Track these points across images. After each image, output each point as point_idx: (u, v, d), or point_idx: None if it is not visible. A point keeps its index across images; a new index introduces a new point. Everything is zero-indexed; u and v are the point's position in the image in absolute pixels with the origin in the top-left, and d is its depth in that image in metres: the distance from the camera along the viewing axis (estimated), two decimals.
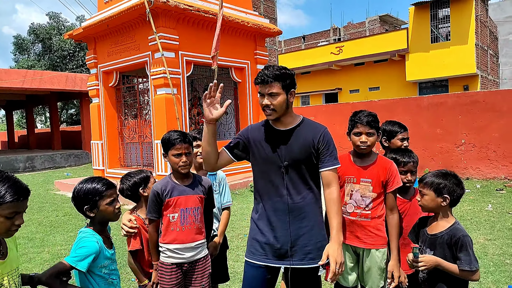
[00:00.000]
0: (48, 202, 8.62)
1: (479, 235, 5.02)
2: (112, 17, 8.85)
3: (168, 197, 2.33)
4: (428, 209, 2.18)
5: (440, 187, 2.10)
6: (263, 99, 2.10)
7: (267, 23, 11.00)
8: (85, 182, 2.06)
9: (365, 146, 2.38)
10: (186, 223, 2.35)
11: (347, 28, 33.61)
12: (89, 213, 2.01)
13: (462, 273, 2.02)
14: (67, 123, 34.33)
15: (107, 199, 2.03)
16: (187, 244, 2.34)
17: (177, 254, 2.34)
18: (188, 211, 2.35)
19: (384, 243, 2.41)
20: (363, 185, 2.42)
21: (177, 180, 2.40)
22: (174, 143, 2.33)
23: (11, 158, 15.83)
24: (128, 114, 10.61)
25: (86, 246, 1.95)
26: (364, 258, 2.43)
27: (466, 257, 2.01)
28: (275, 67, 2.12)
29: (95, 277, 2.01)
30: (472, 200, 7.04)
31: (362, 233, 2.41)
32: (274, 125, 2.19)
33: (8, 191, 1.51)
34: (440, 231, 2.13)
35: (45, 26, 32.22)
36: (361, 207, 2.41)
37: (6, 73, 15.63)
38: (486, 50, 20.75)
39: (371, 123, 2.37)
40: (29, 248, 5.25)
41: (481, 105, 8.96)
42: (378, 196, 2.40)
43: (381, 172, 2.40)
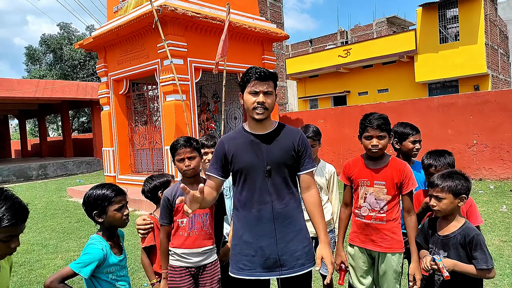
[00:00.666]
0: (61, 209, 8.73)
1: (494, 237, 4.95)
2: (122, 26, 8.98)
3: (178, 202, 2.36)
4: (446, 212, 2.15)
5: (458, 188, 2.10)
6: (258, 96, 2.01)
7: (274, 28, 11.05)
8: (95, 188, 2.09)
9: (376, 150, 2.36)
10: (194, 229, 2.36)
11: (354, 30, 33.53)
12: (98, 219, 2.05)
13: (479, 272, 2.00)
14: (78, 130, 34.79)
15: (115, 205, 2.05)
16: (194, 249, 2.36)
17: (184, 259, 2.36)
18: (196, 217, 2.36)
19: (400, 247, 2.38)
20: (377, 188, 2.39)
21: (186, 185, 2.40)
22: (177, 148, 2.39)
23: (24, 166, 16.08)
24: (138, 121, 10.72)
25: (90, 253, 1.97)
26: (380, 262, 2.41)
27: (482, 255, 2.00)
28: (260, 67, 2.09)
29: (101, 282, 2.04)
30: (486, 202, 6.94)
31: (377, 237, 2.38)
32: (252, 130, 2.10)
33: (5, 214, 1.42)
34: (452, 231, 2.12)
35: (56, 37, 32.83)
36: (375, 210, 2.39)
37: (19, 83, 15.93)
38: (496, 49, 20.51)
39: (381, 126, 2.34)
40: (43, 255, 5.32)
41: (492, 105, 8.84)
42: (393, 198, 2.37)
43: (395, 174, 2.36)
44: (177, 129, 8.49)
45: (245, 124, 2.20)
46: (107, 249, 2.04)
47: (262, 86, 2.03)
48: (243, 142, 2.09)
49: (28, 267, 4.85)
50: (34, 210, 8.78)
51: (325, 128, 11.18)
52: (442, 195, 2.11)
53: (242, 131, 2.15)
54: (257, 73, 2.02)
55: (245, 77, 2.06)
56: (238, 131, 2.17)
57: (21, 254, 5.41)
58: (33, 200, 10.27)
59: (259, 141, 2.08)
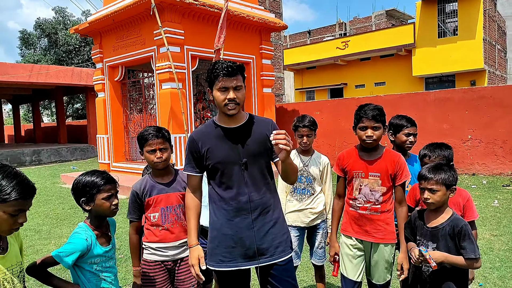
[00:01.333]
0: (54, 195, 8.70)
1: (485, 231, 5.00)
2: (118, 12, 8.86)
3: (148, 197, 2.28)
4: (439, 205, 2.15)
5: (450, 180, 2.13)
6: (228, 93, 1.97)
7: (273, 17, 10.96)
8: (85, 175, 2.02)
9: (370, 141, 2.35)
10: (168, 222, 2.29)
11: (353, 22, 33.36)
12: (85, 206, 1.98)
13: (468, 262, 2.03)
14: (73, 117, 34.55)
15: (104, 194, 1.98)
16: (170, 243, 2.29)
17: (160, 252, 2.29)
18: (169, 210, 2.29)
19: (393, 238, 2.41)
20: (372, 179, 2.40)
21: (156, 178, 2.33)
22: (148, 138, 2.26)
23: (17, 151, 15.97)
24: (133, 108, 10.65)
25: (73, 243, 1.92)
26: (372, 252, 2.44)
27: (471, 245, 2.03)
28: (229, 61, 2.03)
29: (85, 272, 1.98)
30: (478, 196, 7.00)
31: (371, 227, 2.40)
32: (224, 123, 2.07)
33: (15, 188, 1.48)
34: (441, 223, 2.14)
35: (51, 21, 32.33)
36: (370, 201, 2.40)
37: (13, 68, 15.72)
38: (494, 45, 20.52)
39: (376, 117, 2.33)
40: (35, 240, 5.31)
41: (488, 100, 8.88)
42: (388, 190, 2.39)
43: (389, 165, 2.37)
44: (173, 117, 8.44)
45: (215, 117, 2.14)
46: (92, 239, 1.98)
47: (231, 81, 1.98)
48: (216, 137, 2.06)
49: None
50: None
51: (321, 120, 11.17)
52: (436, 187, 2.12)
53: (213, 125, 2.10)
54: (224, 69, 1.96)
55: (212, 74, 2.00)
56: (209, 125, 2.12)
57: None
58: None
59: (233, 134, 2.05)
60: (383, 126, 2.38)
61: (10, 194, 1.47)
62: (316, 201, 3.12)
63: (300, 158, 3.13)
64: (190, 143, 2.09)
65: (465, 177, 8.89)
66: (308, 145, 3.06)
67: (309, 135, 3.04)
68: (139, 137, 2.31)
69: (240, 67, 2.02)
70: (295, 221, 3.07)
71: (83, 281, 1.98)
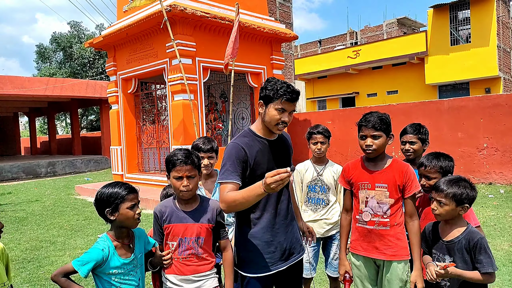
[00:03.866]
0: (69, 207, 8.80)
1: (503, 242, 4.87)
2: (131, 26, 9.03)
3: (166, 223, 2.12)
4: (444, 218, 2.11)
5: (462, 197, 2.05)
6: (285, 115, 2.07)
7: (283, 28, 11.03)
8: (108, 186, 2.04)
9: (370, 150, 2.23)
10: (184, 254, 2.11)
11: (364, 31, 33.34)
12: (110, 216, 1.99)
13: (484, 276, 1.97)
14: (87, 129, 35.09)
15: (128, 203, 2.00)
16: (187, 276, 2.10)
17: (177, 286, 2.11)
18: (186, 241, 2.10)
19: (406, 254, 2.26)
20: (379, 191, 2.26)
21: (180, 204, 2.16)
22: (175, 164, 2.09)
23: (33, 163, 16.26)
24: (146, 120, 10.77)
25: (89, 253, 1.95)
26: (385, 271, 2.28)
27: (488, 259, 1.98)
28: (290, 84, 2.13)
29: (104, 283, 2.00)
30: (496, 206, 6.84)
31: (381, 243, 2.26)
32: (266, 136, 2.19)
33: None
34: (456, 236, 2.08)
35: (66, 35, 33.12)
36: (378, 214, 2.26)
37: (29, 81, 16.10)
38: (508, 52, 20.24)
39: (376, 125, 2.21)
40: (51, 252, 5.36)
41: (503, 108, 8.72)
42: (396, 202, 2.25)
43: (397, 176, 2.24)
44: (184, 128, 8.51)
45: (252, 127, 2.21)
46: (110, 249, 1.99)
47: (291, 106, 2.09)
48: (261, 148, 2.16)
49: (36, 263, 4.89)
50: (42, 207, 8.87)
51: (333, 130, 11.12)
52: (445, 201, 2.06)
53: (255, 136, 2.18)
54: (289, 93, 2.04)
55: (276, 93, 2.05)
56: (250, 136, 2.18)
57: (29, 250, 5.46)
58: (41, 197, 10.37)
59: (272, 146, 2.20)
60: (387, 135, 2.25)
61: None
62: (331, 212, 3.10)
63: (314, 168, 3.14)
64: (237, 152, 2.08)
65: (481, 186, 8.71)
66: (322, 152, 3.08)
67: (323, 142, 3.06)
68: (167, 160, 2.15)
69: (299, 95, 2.13)
70: None
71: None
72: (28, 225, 7.14)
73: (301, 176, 3.16)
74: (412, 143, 2.78)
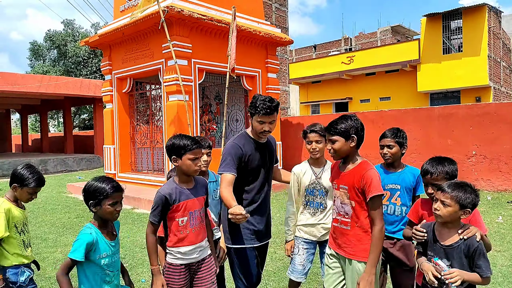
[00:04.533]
0: (60, 204, 8.78)
1: None
2: (128, 26, 9.07)
3: (177, 202, 2.37)
4: (445, 220, 2.10)
5: (466, 201, 2.06)
6: (264, 126, 2.65)
7: (279, 32, 11.14)
8: (97, 180, 2.22)
9: (329, 153, 2.41)
10: (195, 225, 2.43)
11: (359, 38, 33.68)
12: (93, 208, 2.19)
13: (484, 280, 2.03)
14: (79, 127, 34.88)
15: (110, 200, 2.18)
16: (198, 244, 2.43)
17: (187, 256, 2.40)
18: (196, 213, 2.44)
19: (366, 256, 2.23)
20: (342, 192, 2.34)
21: (182, 184, 2.45)
22: (193, 148, 2.35)
23: (25, 161, 16.14)
24: (140, 119, 10.80)
25: (79, 238, 2.12)
26: (346, 267, 2.34)
27: (486, 263, 2.02)
28: (270, 98, 2.64)
29: (92, 266, 2.16)
30: (483, 212, 6.99)
31: (342, 240, 2.34)
32: (257, 138, 2.79)
33: (34, 178, 2.73)
34: (455, 241, 2.09)
35: (61, 33, 32.95)
36: (341, 213, 2.34)
37: (23, 78, 16.03)
38: (499, 62, 20.61)
39: (326, 130, 2.40)
40: (42, 248, 5.38)
41: (492, 116, 8.91)
42: (357, 205, 2.25)
43: (356, 179, 2.25)
44: (179, 129, 8.55)
45: (248, 131, 2.82)
46: (98, 234, 2.18)
47: (269, 118, 2.65)
48: (253, 148, 2.76)
49: None
50: (33, 205, 8.83)
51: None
52: (449, 202, 2.07)
53: (249, 138, 2.78)
54: (265, 109, 2.59)
55: (255, 108, 2.62)
56: (246, 138, 2.78)
57: None
58: None
59: (262, 147, 2.82)
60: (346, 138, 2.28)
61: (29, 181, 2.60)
62: (329, 217, 2.96)
63: (312, 170, 3.03)
64: (236, 150, 2.67)
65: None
66: (318, 152, 2.97)
67: (318, 141, 2.95)
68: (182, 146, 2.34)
69: (277, 107, 2.66)
70: (307, 233, 3.01)
71: (87, 276, 2.16)
72: None
73: (299, 179, 3.03)
74: (390, 147, 2.82)
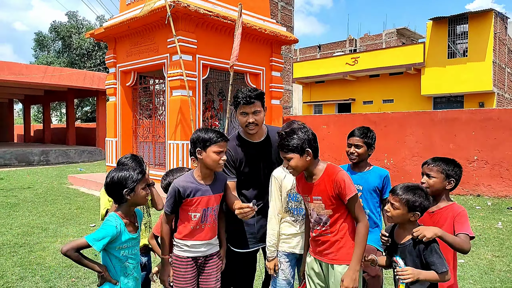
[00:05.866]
0: (61, 195, 8.81)
1: (487, 251, 5.01)
2: (134, 19, 9.07)
3: (191, 197, 2.35)
4: (396, 221, 2.19)
5: (414, 205, 2.10)
6: (248, 117, 2.52)
7: (284, 31, 11.13)
8: (122, 171, 2.21)
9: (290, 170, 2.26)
10: (206, 222, 2.40)
11: (364, 39, 33.62)
12: (127, 197, 2.17)
13: (441, 276, 2.04)
14: (81, 120, 34.93)
15: (142, 184, 2.22)
16: (206, 241, 2.42)
17: (194, 249, 2.40)
18: (209, 210, 2.40)
19: (347, 259, 2.19)
20: (316, 203, 2.24)
21: (200, 179, 2.41)
22: (217, 141, 2.33)
23: (26, 151, 16.19)
24: (143, 113, 10.81)
25: (104, 229, 2.11)
26: (329, 273, 2.28)
27: (439, 259, 2.04)
28: (251, 89, 2.55)
29: (112, 257, 2.18)
30: (482, 217, 6.99)
31: (323, 248, 2.27)
32: (249, 138, 2.63)
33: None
34: (408, 239, 2.14)
35: (66, 25, 32.97)
36: (320, 224, 2.26)
37: (27, 69, 16.05)
38: (503, 68, 20.56)
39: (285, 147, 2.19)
40: (42, 238, 5.40)
41: (495, 122, 8.90)
42: (335, 211, 2.21)
43: (328, 187, 2.18)
44: (181, 124, 8.57)
45: (240, 131, 2.67)
46: (121, 226, 2.17)
47: (250, 108, 2.52)
48: (246, 150, 2.61)
49: (28, 248, 4.93)
50: (34, 195, 8.88)
51: (328, 134, 11.25)
52: (397, 205, 2.13)
53: (241, 139, 2.64)
54: (243, 98, 2.49)
55: (235, 101, 2.53)
56: (237, 140, 2.64)
57: (21, 236, 5.50)
58: (33, 185, 10.37)
59: (256, 148, 2.62)
60: (300, 154, 2.16)
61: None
62: None
63: None
64: (227, 155, 2.52)
65: (469, 197, 8.88)
66: None
67: None
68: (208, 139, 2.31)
69: (258, 96, 2.54)
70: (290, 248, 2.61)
71: (109, 266, 2.17)
72: (20, 211, 7.16)
73: (280, 183, 2.61)
74: (358, 146, 2.71)
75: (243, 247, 2.69)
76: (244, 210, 2.27)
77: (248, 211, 2.28)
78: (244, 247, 2.69)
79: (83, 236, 2.10)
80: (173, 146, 8.68)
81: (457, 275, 4.13)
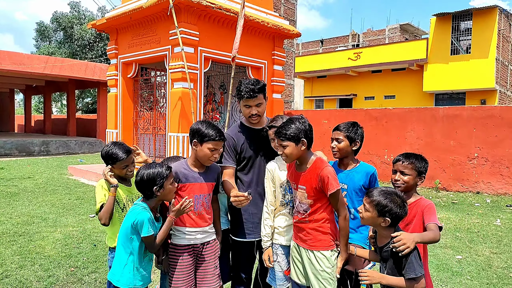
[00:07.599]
0: (61, 186, 8.83)
1: (485, 248, 5.02)
2: (136, 10, 9.02)
3: (183, 182, 2.46)
4: (366, 223, 2.20)
5: (384, 210, 2.06)
6: (251, 110, 2.64)
7: (287, 24, 11.07)
8: (152, 168, 2.31)
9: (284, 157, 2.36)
10: (199, 209, 2.49)
11: (367, 34, 33.45)
12: (157, 193, 2.29)
13: (408, 282, 1.98)
14: (82, 111, 34.91)
15: (170, 179, 2.33)
16: (200, 228, 2.50)
17: (191, 236, 2.47)
18: (201, 198, 2.49)
19: (325, 246, 2.32)
20: (300, 192, 2.37)
21: (193, 167, 2.52)
22: (215, 139, 2.41)
23: (27, 141, 16.20)
24: (143, 105, 10.79)
25: (142, 219, 2.24)
26: (307, 257, 2.37)
27: (410, 264, 1.97)
28: (254, 81, 2.62)
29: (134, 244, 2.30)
30: (481, 214, 7.00)
31: (302, 234, 2.39)
32: (251, 125, 2.75)
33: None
34: (385, 243, 2.13)
35: (68, 15, 32.83)
36: (300, 212, 2.39)
37: (28, 59, 16.01)
38: (506, 66, 20.47)
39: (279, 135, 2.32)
40: (42, 227, 5.42)
41: (496, 119, 8.88)
42: (316, 201, 2.33)
43: (313, 179, 2.30)
44: (182, 116, 8.56)
45: (243, 120, 2.78)
46: (150, 215, 2.31)
47: (253, 101, 2.63)
48: (249, 136, 2.71)
49: (27, 237, 4.95)
50: (34, 185, 8.90)
51: (329, 129, 11.23)
52: (368, 207, 2.12)
53: (244, 127, 2.75)
54: (247, 92, 2.58)
55: (238, 94, 2.63)
56: (240, 126, 2.76)
57: (21, 225, 5.51)
58: (34, 175, 10.39)
59: (258, 134, 2.70)
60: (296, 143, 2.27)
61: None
62: None
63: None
64: (229, 141, 2.67)
65: (469, 194, 8.89)
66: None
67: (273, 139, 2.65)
68: (204, 134, 2.40)
69: (261, 88, 2.62)
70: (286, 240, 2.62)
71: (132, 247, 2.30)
72: (20, 200, 7.18)
73: (272, 175, 2.62)
74: (339, 140, 2.63)
75: (242, 236, 2.75)
76: (239, 198, 2.35)
77: (243, 199, 2.35)
78: (244, 236, 2.75)
79: (142, 235, 2.24)
80: (174, 138, 8.67)
81: (455, 271, 4.16)
